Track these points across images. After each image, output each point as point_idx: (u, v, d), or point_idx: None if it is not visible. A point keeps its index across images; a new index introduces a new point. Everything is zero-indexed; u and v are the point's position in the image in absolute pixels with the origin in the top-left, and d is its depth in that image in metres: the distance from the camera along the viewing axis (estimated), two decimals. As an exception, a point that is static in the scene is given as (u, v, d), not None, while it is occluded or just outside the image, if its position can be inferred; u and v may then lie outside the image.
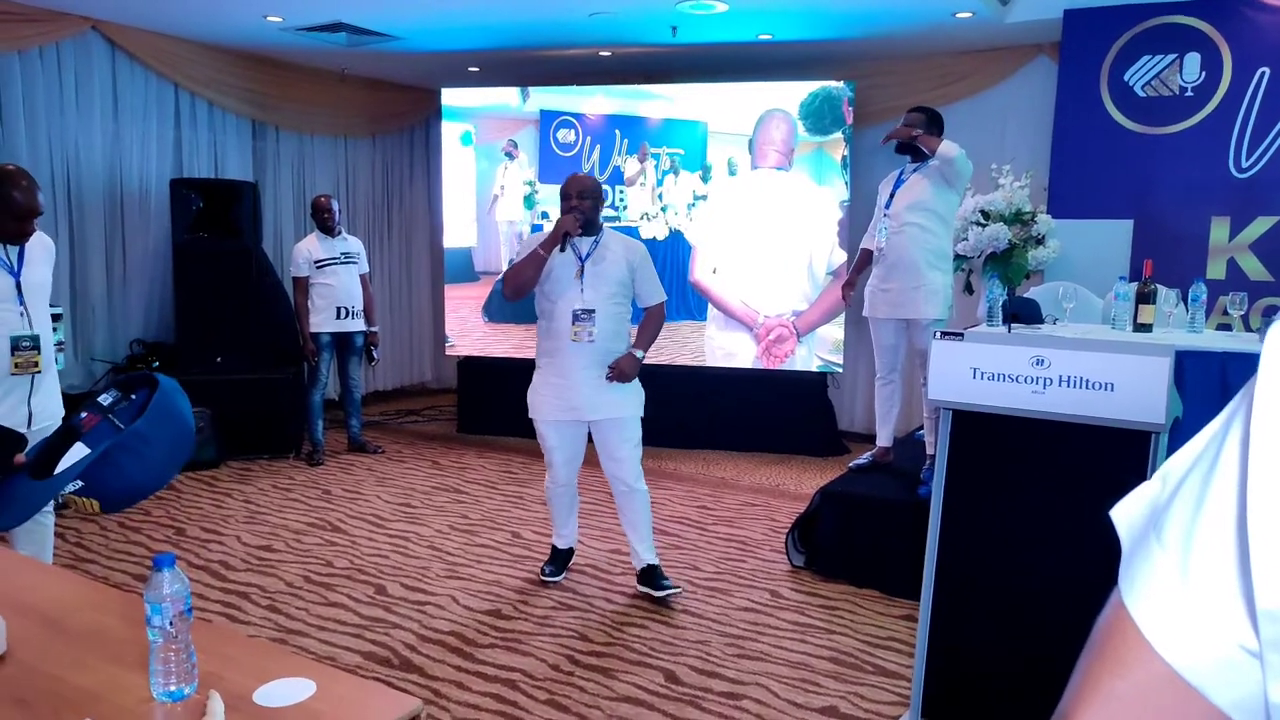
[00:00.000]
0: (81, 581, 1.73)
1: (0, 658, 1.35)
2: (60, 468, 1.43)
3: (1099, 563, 2.37)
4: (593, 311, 3.44)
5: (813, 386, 6.16)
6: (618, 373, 3.45)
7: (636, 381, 3.58)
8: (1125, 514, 0.57)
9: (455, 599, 3.62)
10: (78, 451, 1.44)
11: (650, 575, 3.65)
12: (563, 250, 3.40)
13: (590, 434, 3.64)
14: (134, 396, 1.51)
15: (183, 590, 1.32)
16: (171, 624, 1.29)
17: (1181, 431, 2.64)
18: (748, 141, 6.06)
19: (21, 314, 2.95)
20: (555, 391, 3.53)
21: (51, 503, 1.38)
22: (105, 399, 1.50)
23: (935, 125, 3.97)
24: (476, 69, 6.80)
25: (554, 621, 3.42)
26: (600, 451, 3.62)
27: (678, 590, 3.63)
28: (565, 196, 3.48)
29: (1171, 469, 0.55)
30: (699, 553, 4.18)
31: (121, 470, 1.40)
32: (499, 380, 6.61)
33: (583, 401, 3.50)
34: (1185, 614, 0.48)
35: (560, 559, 3.88)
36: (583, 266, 3.47)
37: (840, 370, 6.16)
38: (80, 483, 1.38)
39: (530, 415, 3.64)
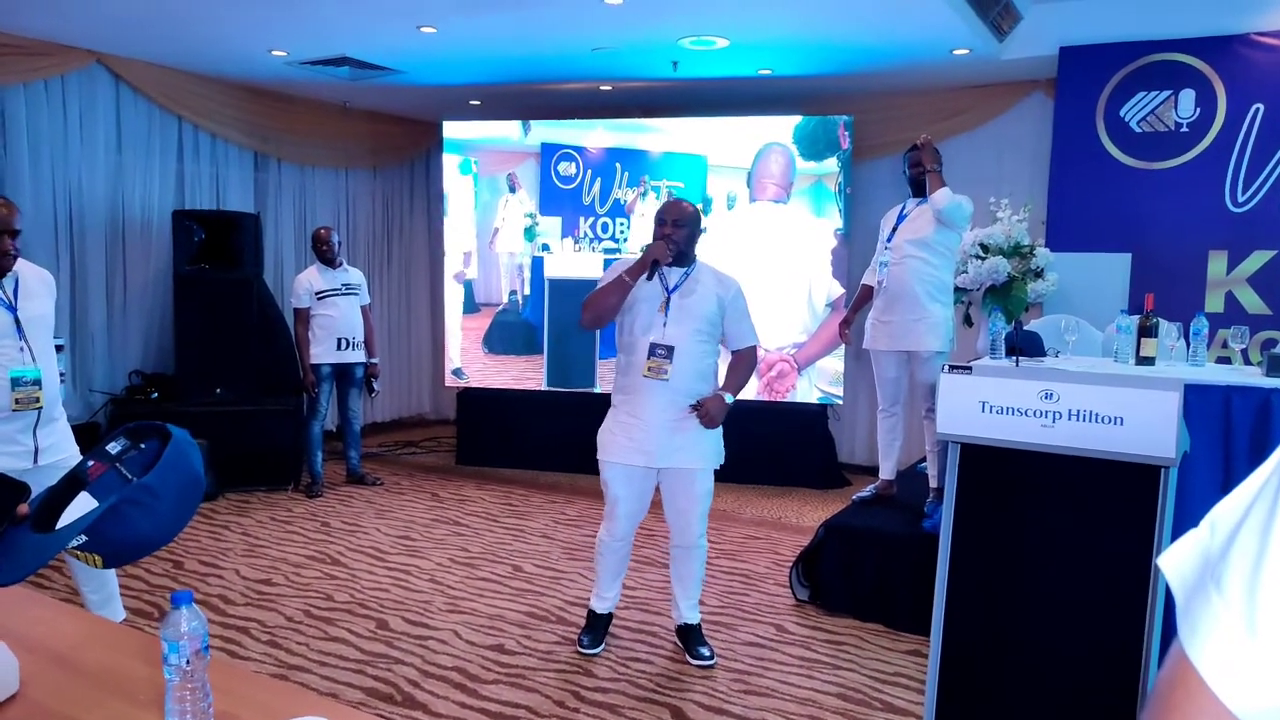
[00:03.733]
0: (94, 619, 1.71)
1: (13, 697, 1.33)
2: (64, 520, 1.38)
3: (1110, 596, 2.37)
4: (672, 349, 3.14)
5: (813, 418, 6.16)
6: (704, 414, 3.13)
7: (715, 431, 3.26)
8: (1175, 563, 0.56)
9: (457, 633, 3.58)
10: (84, 503, 1.39)
11: (689, 635, 3.43)
12: (649, 279, 3.18)
13: (658, 483, 3.35)
14: (144, 445, 1.46)
15: (200, 628, 1.30)
16: (188, 663, 1.28)
17: (1189, 465, 2.65)
18: (746, 175, 6.11)
19: (22, 349, 2.87)
20: (626, 431, 3.22)
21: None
22: (113, 447, 1.45)
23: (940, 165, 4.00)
24: (478, 102, 6.86)
25: (558, 657, 3.38)
26: (666, 502, 3.35)
27: (713, 663, 3.33)
28: (660, 222, 3.18)
29: (1220, 516, 0.55)
30: (703, 587, 4.15)
31: (128, 524, 1.35)
32: (498, 412, 6.61)
33: (655, 446, 3.18)
34: (1252, 665, 0.48)
35: (600, 626, 3.47)
36: (668, 299, 3.18)
37: (840, 402, 6.16)
38: (85, 537, 1.34)
39: (598, 456, 3.32)
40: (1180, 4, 4.74)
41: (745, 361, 3.33)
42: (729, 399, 3.19)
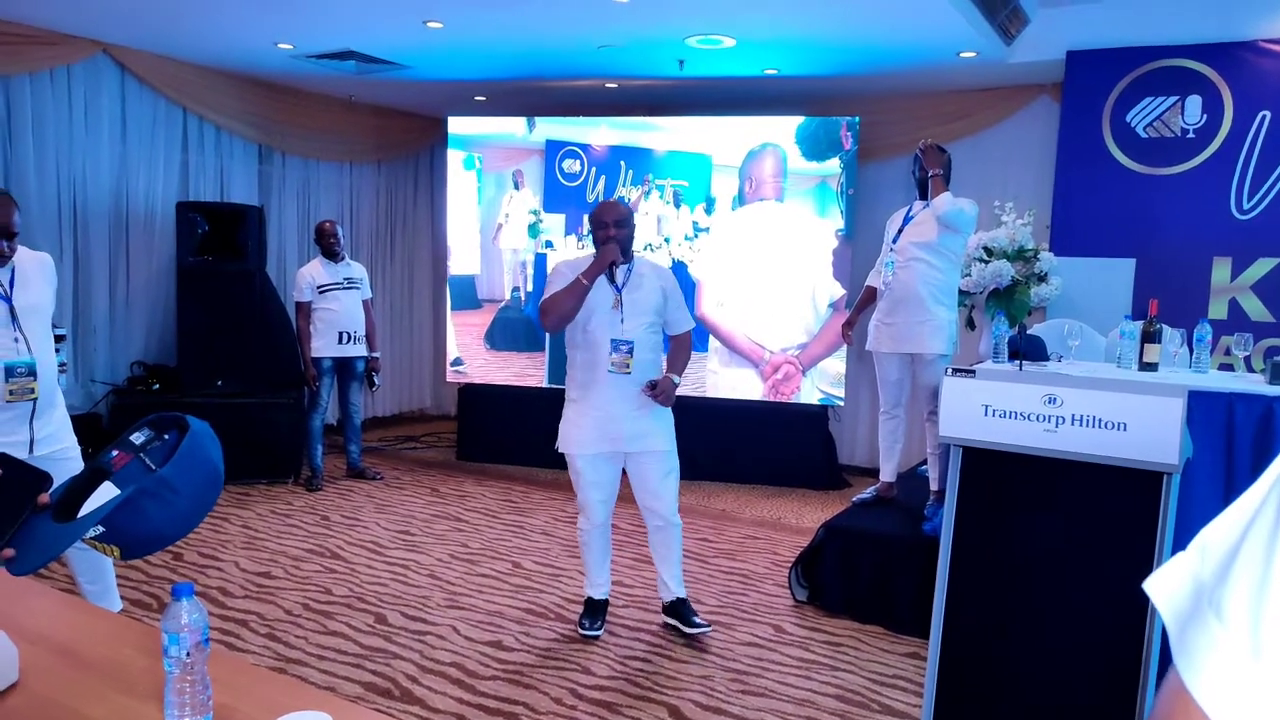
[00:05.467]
0: (95, 609, 1.71)
1: (13, 686, 1.33)
2: (85, 510, 1.38)
3: (1110, 603, 2.36)
4: (631, 343, 3.33)
5: (814, 419, 6.15)
6: (660, 393, 3.32)
7: (669, 413, 3.48)
8: (1164, 589, 0.54)
9: (456, 629, 3.58)
10: (105, 493, 1.38)
11: (679, 609, 3.59)
12: (611, 280, 3.36)
13: (625, 471, 3.53)
14: (166, 437, 1.46)
15: (200, 620, 1.30)
16: (188, 655, 1.27)
17: (1191, 472, 2.64)
18: (739, 174, 6.10)
19: (16, 339, 2.82)
20: (594, 423, 3.37)
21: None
22: (137, 437, 1.45)
23: (948, 171, 3.99)
24: (483, 98, 6.85)
25: (557, 654, 3.38)
26: (638, 487, 3.51)
27: (708, 629, 3.54)
28: (601, 225, 3.36)
29: (1211, 540, 0.53)
30: (701, 586, 4.15)
31: (145, 517, 1.34)
32: (499, 408, 6.61)
33: (622, 432, 3.37)
34: (1257, 694, 0.46)
35: (599, 610, 3.65)
36: (619, 296, 3.36)
37: (841, 403, 6.16)
38: (102, 528, 1.34)
39: (563, 450, 3.48)
40: (1188, 10, 4.73)
41: (686, 345, 3.56)
42: (677, 380, 3.42)
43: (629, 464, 3.48)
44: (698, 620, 3.55)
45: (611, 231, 3.32)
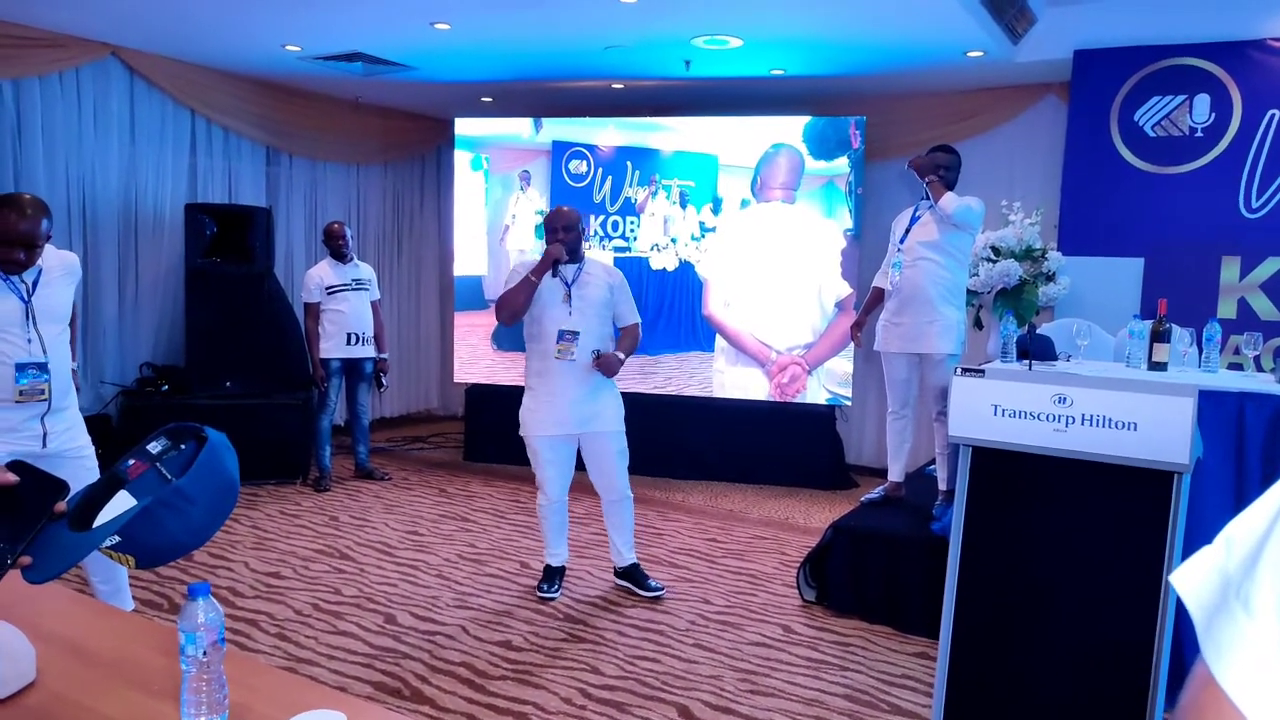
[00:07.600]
0: (109, 609, 1.72)
1: (30, 686, 1.34)
2: (101, 519, 1.38)
3: (1121, 602, 2.36)
4: (577, 333, 3.73)
5: (821, 419, 6.15)
6: (603, 364, 3.70)
7: (618, 397, 3.90)
8: (1190, 582, 0.54)
9: (465, 629, 3.59)
10: (121, 502, 1.39)
11: (634, 574, 4.02)
12: (554, 276, 3.76)
13: (579, 452, 3.93)
14: (183, 447, 1.46)
15: (217, 619, 1.31)
16: (205, 654, 1.28)
17: (1201, 472, 2.64)
18: (753, 174, 6.10)
19: (30, 339, 2.83)
20: (548, 408, 3.77)
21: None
22: (154, 447, 1.45)
23: (954, 171, 3.99)
24: (489, 99, 6.86)
25: (566, 654, 3.39)
26: (591, 466, 3.93)
27: (663, 591, 3.97)
28: (551, 229, 3.80)
29: (1237, 534, 0.53)
30: (709, 586, 4.16)
31: (161, 527, 1.35)
32: (506, 408, 6.56)
33: (572, 416, 3.77)
34: None
35: (557, 576, 4.03)
36: (569, 291, 3.77)
37: (849, 403, 6.15)
38: (118, 537, 1.35)
39: (522, 433, 3.87)
40: (1196, 8, 4.72)
41: (632, 334, 3.94)
42: (621, 356, 3.81)
43: (583, 444, 3.88)
44: (652, 583, 3.99)
45: (560, 236, 3.75)
